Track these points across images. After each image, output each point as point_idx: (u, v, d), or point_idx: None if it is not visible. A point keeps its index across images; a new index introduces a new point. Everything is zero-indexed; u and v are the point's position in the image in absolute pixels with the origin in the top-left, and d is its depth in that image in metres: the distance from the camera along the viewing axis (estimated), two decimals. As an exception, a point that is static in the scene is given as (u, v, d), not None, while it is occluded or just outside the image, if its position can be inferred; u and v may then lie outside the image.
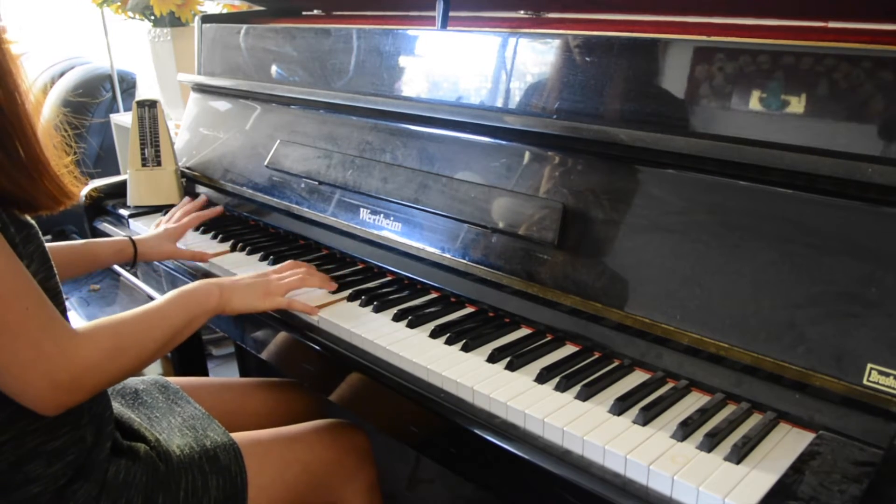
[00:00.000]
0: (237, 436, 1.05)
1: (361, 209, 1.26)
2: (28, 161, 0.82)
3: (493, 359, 0.93)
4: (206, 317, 1.01)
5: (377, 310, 1.07)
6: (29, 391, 0.79)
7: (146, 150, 1.61)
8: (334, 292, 1.14)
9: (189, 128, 1.76)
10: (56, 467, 0.86)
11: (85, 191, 1.65)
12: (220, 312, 1.03)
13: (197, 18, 1.77)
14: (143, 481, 0.92)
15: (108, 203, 1.66)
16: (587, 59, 1.00)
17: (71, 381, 0.81)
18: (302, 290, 1.13)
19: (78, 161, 0.94)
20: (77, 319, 2.34)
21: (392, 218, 1.20)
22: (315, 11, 1.76)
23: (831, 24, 0.93)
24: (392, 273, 1.21)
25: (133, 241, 1.29)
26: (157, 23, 2.33)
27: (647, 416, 0.79)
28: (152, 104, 1.62)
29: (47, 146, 0.85)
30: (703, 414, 0.79)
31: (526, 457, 0.78)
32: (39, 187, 0.84)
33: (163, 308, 0.95)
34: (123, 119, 2.69)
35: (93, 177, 1.71)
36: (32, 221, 0.87)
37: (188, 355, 1.83)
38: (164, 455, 0.97)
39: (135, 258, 1.29)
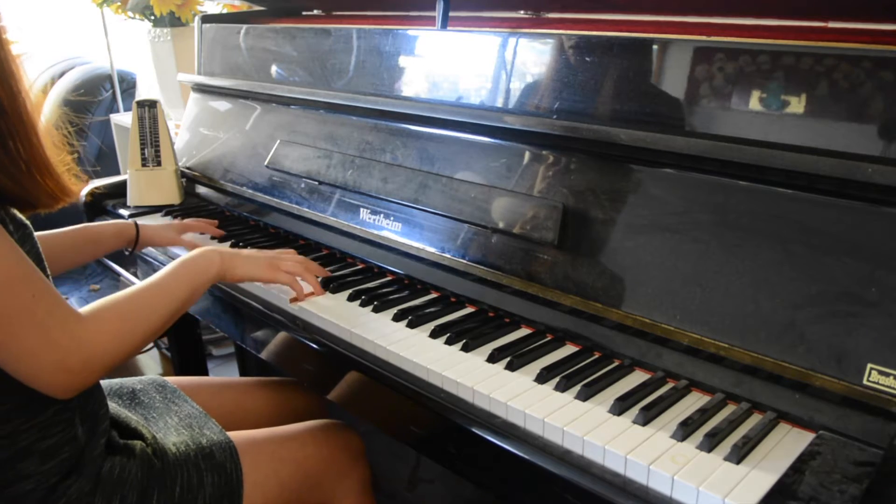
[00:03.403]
0: (232, 434, 1.05)
1: (361, 209, 1.26)
2: (30, 160, 0.82)
3: (493, 359, 0.93)
4: (209, 285, 1.02)
5: (377, 310, 1.07)
6: (41, 376, 0.80)
7: (146, 150, 1.61)
8: (333, 292, 1.14)
9: (189, 128, 1.76)
10: (49, 465, 0.86)
11: (85, 190, 1.65)
12: (221, 280, 1.04)
13: (197, 18, 1.77)
14: (138, 478, 0.93)
15: (107, 203, 1.66)
16: (587, 59, 1.00)
17: (82, 364, 0.82)
18: None
19: (78, 160, 0.94)
20: (77, 319, 2.32)
21: (392, 218, 1.20)
22: (315, 11, 1.76)
23: (831, 24, 0.93)
24: (392, 273, 1.21)
25: (136, 224, 1.29)
26: (157, 23, 2.33)
27: (647, 416, 0.79)
28: (152, 104, 1.62)
29: (48, 145, 0.85)
30: (703, 414, 0.79)
31: (526, 457, 0.78)
32: (40, 186, 0.84)
33: (166, 281, 0.96)
34: (123, 119, 2.69)
35: (93, 177, 1.71)
36: (27, 222, 0.88)
37: (188, 355, 1.83)
38: (160, 452, 0.97)
39: (136, 241, 1.29)
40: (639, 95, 0.95)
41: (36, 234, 0.89)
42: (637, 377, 0.89)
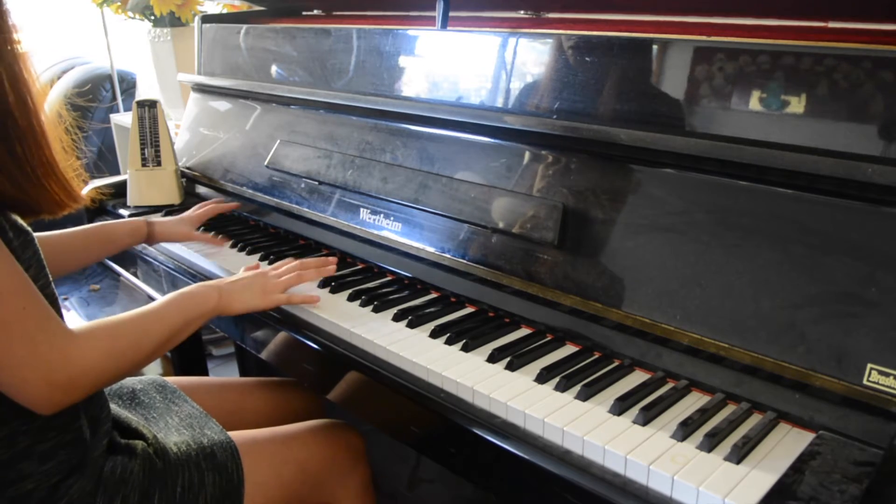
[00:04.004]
0: (234, 434, 1.05)
1: (361, 209, 1.26)
2: (37, 165, 0.81)
3: (493, 359, 0.93)
4: (204, 319, 1.01)
5: (377, 310, 1.07)
6: (26, 390, 0.79)
7: (146, 150, 1.61)
8: (333, 292, 1.14)
9: (189, 128, 1.76)
10: (49, 465, 0.86)
11: (85, 191, 1.65)
12: (218, 314, 1.03)
13: (197, 18, 1.77)
14: (139, 477, 0.93)
15: (108, 203, 1.66)
16: (587, 59, 1.00)
17: (68, 381, 0.81)
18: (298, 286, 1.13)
19: (84, 164, 0.93)
20: (77, 319, 2.34)
21: (392, 218, 1.20)
22: (315, 11, 1.76)
23: (831, 24, 0.93)
24: (392, 273, 1.21)
25: (148, 223, 1.30)
26: (157, 23, 2.33)
27: (647, 416, 0.79)
28: (152, 104, 1.62)
29: (57, 149, 0.84)
30: (703, 414, 0.79)
31: (526, 457, 0.78)
32: (47, 192, 0.83)
33: (161, 310, 0.95)
34: (123, 119, 2.69)
35: (93, 177, 1.71)
36: (29, 228, 0.87)
37: (188, 355, 1.83)
38: (161, 452, 0.97)
39: (149, 239, 1.29)
40: (639, 95, 0.95)
41: (48, 234, 0.88)
42: (637, 377, 0.89)
